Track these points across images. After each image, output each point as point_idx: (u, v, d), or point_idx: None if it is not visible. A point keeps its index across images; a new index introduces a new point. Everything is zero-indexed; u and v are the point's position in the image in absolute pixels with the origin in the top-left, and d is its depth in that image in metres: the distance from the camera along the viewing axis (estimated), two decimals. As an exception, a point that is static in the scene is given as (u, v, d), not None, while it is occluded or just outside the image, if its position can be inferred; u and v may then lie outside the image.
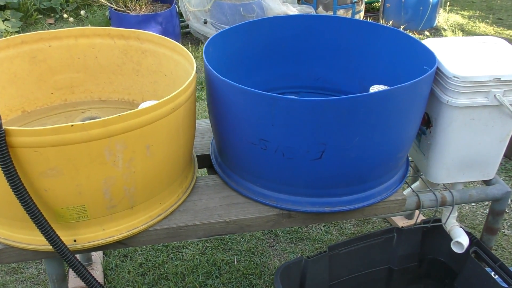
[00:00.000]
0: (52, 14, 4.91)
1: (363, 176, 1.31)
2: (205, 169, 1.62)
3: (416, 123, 1.35)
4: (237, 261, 1.97)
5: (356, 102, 1.16)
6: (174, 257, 1.98)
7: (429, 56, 1.39)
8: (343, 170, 1.27)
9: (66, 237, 1.19)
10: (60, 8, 4.87)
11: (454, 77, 1.34)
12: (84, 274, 1.18)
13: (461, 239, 1.53)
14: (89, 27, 1.51)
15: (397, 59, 1.54)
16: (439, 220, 1.64)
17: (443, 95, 1.38)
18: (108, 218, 1.20)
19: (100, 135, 1.07)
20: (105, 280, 1.86)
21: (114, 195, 1.16)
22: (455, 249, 1.55)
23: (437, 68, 1.39)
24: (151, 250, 2.01)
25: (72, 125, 1.04)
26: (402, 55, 1.52)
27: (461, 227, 1.58)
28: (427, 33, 4.39)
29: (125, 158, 1.13)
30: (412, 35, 4.27)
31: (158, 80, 1.55)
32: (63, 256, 1.15)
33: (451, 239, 1.57)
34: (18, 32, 4.49)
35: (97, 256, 1.93)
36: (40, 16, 4.83)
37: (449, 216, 1.57)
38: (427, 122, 1.48)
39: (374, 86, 1.52)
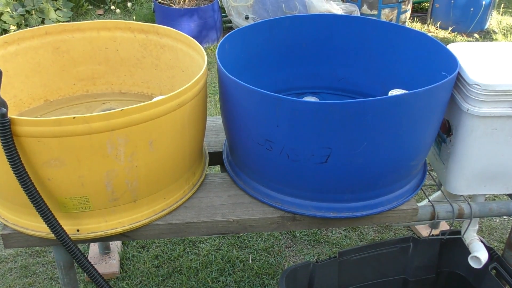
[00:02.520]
0: (102, 5, 5.04)
1: (372, 183, 1.27)
2: (219, 166, 1.62)
3: (432, 132, 1.30)
4: (251, 260, 1.96)
5: (363, 107, 1.12)
6: (190, 252, 1.99)
7: (451, 61, 1.33)
8: (350, 175, 1.23)
9: (69, 227, 1.21)
10: (110, -1, 5.00)
11: (475, 84, 1.27)
12: (84, 263, 1.21)
13: (479, 254, 1.46)
14: (111, 20, 1.54)
15: (420, 63, 1.48)
16: (458, 232, 1.57)
17: (464, 102, 1.31)
18: (111, 210, 1.22)
19: (102, 128, 1.08)
20: (121, 270, 1.90)
21: (116, 188, 1.18)
22: (473, 264, 1.48)
23: (459, 74, 1.32)
24: (168, 243, 2.03)
25: (74, 117, 1.05)
26: (426, 58, 1.46)
27: (481, 241, 1.51)
28: (476, 35, 4.21)
29: (127, 152, 1.14)
30: (461, 37, 4.10)
31: (176, 75, 1.56)
32: (64, 245, 1.17)
33: (470, 253, 1.50)
34: (68, 22, 4.65)
35: (115, 245, 1.97)
36: (90, 6, 4.97)
37: (467, 228, 1.50)
38: (448, 130, 1.42)
39: (393, 90, 1.47)
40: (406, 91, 1.46)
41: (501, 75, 1.29)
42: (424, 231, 2.05)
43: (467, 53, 1.41)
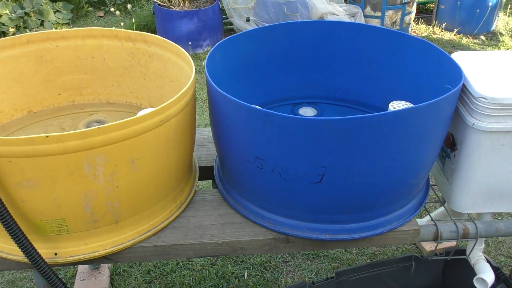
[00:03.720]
0: (102, 7, 4.98)
1: (370, 204, 1.18)
2: (212, 181, 1.54)
3: (435, 148, 1.21)
4: (247, 276, 1.88)
5: (360, 124, 1.04)
6: (184, 266, 1.92)
7: (455, 72, 1.24)
8: (346, 196, 1.15)
9: (47, 250, 1.14)
10: (110, 1, 4.93)
11: (481, 97, 1.18)
12: (61, 289, 1.13)
13: (485, 276, 1.38)
14: (96, 27, 1.46)
15: (422, 72, 1.40)
16: (463, 252, 1.48)
17: (469, 116, 1.23)
18: (90, 232, 1.14)
19: (78, 148, 1.01)
20: (111, 286, 1.82)
21: (95, 209, 1.10)
22: (478, 286, 1.40)
23: (464, 86, 1.24)
24: (161, 257, 1.96)
25: (47, 136, 0.98)
26: (428, 68, 1.37)
27: (488, 261, 1.42)
28: (482, 37, 4.11)
29: (106, 172, 1.06)
30: (466, 39, 4.00)
31: (165, 85, 1.48)
32: (40, 271, 1.10)
33: (475, 274, 1.42)
34: (68, 24, 4.59)
35: (105, 259, 1.89)
36: (90, 8, 4.91)
37: (472, 248, 1.41)
38: (452, 144, 1.33)
39: (394, 102, 1.39)
40: (407, 103, 1.38)
41: (509, 88, 1.20)
42: (428, 245, 1.96)
43: (472, 63, 1.33)
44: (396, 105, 1.37)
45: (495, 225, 1.35)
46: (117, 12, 4.75)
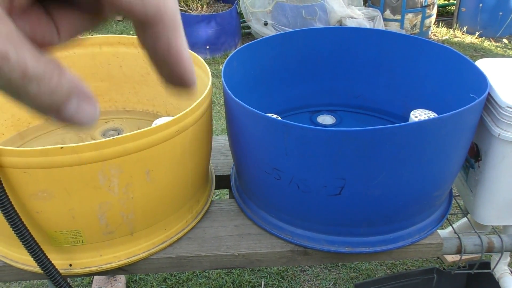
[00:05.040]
0: (121, 12, 5.01)
1: (390, 216, 1.15)
2: (228, 190, 1.52)
3: (458, 159, 1.17)
4: (264, 285, 1.85)
5: (381, 135, 1.00)
6: (200, 275, 1.90)
7: (480, 80, 1.20)
8: (366, 208, 1.12)
9: (61, 261, 1.13)
10: (127, 5, 4.96)
11: (507, 107, 1.14)
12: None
13: (511, 291, 1.33)
14: (113, 35, 1.45)
15: (445, 80, 1.36)
16: (488, 265, 1.44)
17: (495, 126, 1.19)
18: (105, 243, 1.13)
19: (92, 159, 0.99)
20: (127, 293, 1.82)
21: (110, 221, 1.09)
22: (503, 301, 1.35)
23: (489, 95, 1.20)
24: (177, 264, 1.94)
25: (62, 147, 0.97)
26: (452, 76, 1.33)
27: (513, 276, 1.38)
28: (505, 40, 4.03)
29: (121, 183, 1.05)
30: (489, 43, 3.93)
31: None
32: (54, 282, 1.09)
33: (500, 288, 1.37)
34: (86, 29, 4.62)
35: (121, 267, 1.88)
36: (108, 13, 4.93)
37: (498, 262, 1.36)
38: (476, 155, 1.29)
39: (415, 111, 1.35)
40: (430, 112, 1.34)
41: (537, 97, 1.16)
42: (449, 257, 1.91)
43: (497, 71, 1.28)
44: (418, 114, 1.33)
45: (522, 239, 1.30)
46: (136, 17, 4.76)
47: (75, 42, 0.36)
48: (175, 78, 0.33)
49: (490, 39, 4.08)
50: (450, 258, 1.90)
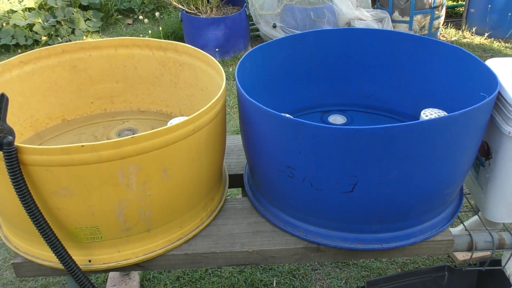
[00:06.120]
0: (131, 15, 5.06)
1: (402, 213, 1.17)
2: (241, 189, 1.55)
3: (469, 157, 1.19)
4: (276, 283, 1.87)
5: (392, 133, 1.03)
6: (212, 273, 1.92)
7: (491, 80, 1.22)
8: (379, 205, 1.14)
9: (81, 257, 1.16)
10: (138, 9, 5.01)
11: (517, 105, 1.16)
12: (95, 296, 1.15)
13: (521, 288, 1.34)
14: (128, 37, 1.48)
15: (455, 80, 1.38)
16: (499, 262, 1.45)
17: (505, 125, 1.20)
18: (123, 240, 1.16)
19: (111, 157, 1.02)
20: (141, 291, 1.84)
21: (128, 217, 1.12)
22: (514, 298, 1.37)
23: (499, 93, 1.21)
24: (190, 263, 1.97)
25: (82, 146, 1.00)
26: (462, 75, 1.35)
27: (524, 273, 1.39)
28: (514, 41, 4.03)
29: (139, 181, 1.07)
30: (498, 43, 3.93)
31: (195, 94, 1.49)
32: (74, 277, 1.12)
33: (511, 285, 1.38)
34: (98, 32, 4.68)
35: (135, 265, 1.91)
36: (119, 16, 4.99)
37: (509, 259, 1.38)
38: (487, 153, 1.31)
39: (426, 110, 1.37)
40: (440, 111, 1.36)
41: (547, 95, 1.17)
42: (460, 255, 1.92)
43: (507, 70, 1.30)
44: (428, 113, 1.35)
45: (532, 236, 1.32)
46: (146, 20, 4.82)
47: (92, 45, 0.38)
48: None
49: (500, 40, 4.08)
50: (461, 256, 1.91)
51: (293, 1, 4.08)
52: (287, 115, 1.19)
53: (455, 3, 4.72)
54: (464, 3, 4.39)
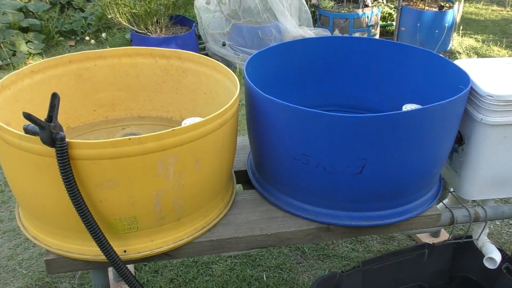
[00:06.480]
0: (73, 37, 5.03)
1: (401, 191, 1.35)
2: (240, 185, 1.67)
3: (450, 140, 1.40)
4: (266, 277, 1.99)
5: (396, 119, 1.21)
6: (204, 273, 2.01)
7: (462, 76, 1.44)
8: (382, 185, 1.31)
9: (117, 248, 1.22)
10: (81, 30, 5.00)
11: (488, 95, 1.38)
12: (135, 285, 1.22)
13: (493, 255, 1.56)
14: (132, 47, 1.58)
15: (428, 79, 1.59)
16: (470, 237, 1.66)
17: (477, 113, 1.42)
18: (157, 229, 1.25)
19: (154, 149, 1.12)
20: (138, 295, 1.89)
21: (164, 207, 1.21)
22: (488, 265, 1.58)
23: (470, 87, 1.43)
24: (181, 266, 2.04)
25: (129, 139, 1.09)
26: (434, 75, 1.57)
27: (493, 243, 1.61)
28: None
29: (175, 171, 1.18)
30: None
31: (197, 98, 1.61)
32: (115, 266, 1.19)
33: (482, 257, 1.59)
34: (40, 54, 4.61)
35: (129, 270, 1.96)
36: (61, 38, 4.94)
37: (481, 232, 1.60)
38: (459, 140, 1.52)
39: (406, 105, 1.57)
40: (419, 106, 1.57)
41: (510, 86, 1.41)
42: (426, 239, 2.14)
43: (472, 68, 1.53)
44: (408, 107, 1.56)
45: (501, 209, 1.55)
46: (92, 41, 4.82)
47: (97, 54, 0.46)
48: None
49: (428, 54, 4.50)
50: (426, 240, 2.13)
51: (241, 21, 4.27)
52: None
53: (385, 23, 5.12)
54: (394, 22, 4.79)
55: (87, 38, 4.85)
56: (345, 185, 1.30)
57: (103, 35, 4.85)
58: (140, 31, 4.20)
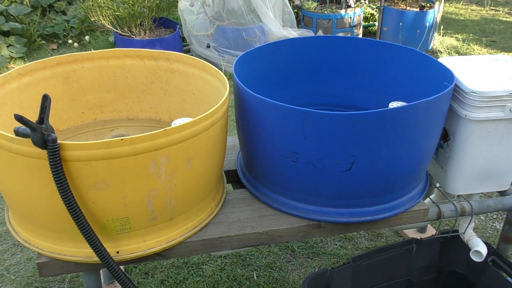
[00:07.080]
0: (55, 40, 4.99)
1: (389, 187, 1.37)
2: (231, 184, 1.68)
3: (437, 136, 1.42)
4: (256, 276, 2.01)
5: (384, 116, 1.23)
6: (195, 274, 2.01)
7: (446, 73, 1.47)
8: (371, 181, 1.33)
9: (110, 249, 1.22)
10: (63, 34, 4.96)
11: (472, 92, 1.41)
12: (129, 286, 1.22)
13: (479, 248, 1.59)
14: (121, 49, 1.58)
15: (413, 77, 1.62)
16: (457, 231, 1.70)
17: (461, 109, 1.45)
18: (149, 229, 1.25)
19: (146, 149, 1.13)
20: (129, 297, 1.89)
21: (156, 207, 1.21)
22: (474, 258, 1.61)
23: (455, 84, 1.47)
24: (171, 267, 2.04)
25: (122, 139, 1.09)
26: (418, 73, 1.60)
27: (478, 237, 1.64)
28: (424, 55, 4.51)
29: (167, 171, 1.18)
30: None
31: (186, 99, 1.62)
32: (109, 268, 1.19)
33: (468, 251, 1.63)
34: (22, 58, 4.57)
35: (119, 273, 1.96)
36: (43, 42, 4.90)
37: (468, 226, 1.63)
38: (445, 136, 1.55)
39: (393, 102, 1.60)
40: (404, 103, 1.59)
41: (493, 83, 1.44)
42: (412, 236, 2.17)
43: (454, 66, 1.56)
44: (395, 105, 1.58)
45: (486, 203, 1.58)
46: (75, 44, 4.79)
47: (85, 56, 0.47)
48: None
49: (410, 54, 4.56)
50: (412, 235, 2.16)
51: (225, 22, 4.29)
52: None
53: (367, 23, 5.17)
54: (376, 23, 4.84)
55: (70, 41, 4.81)
56: (334, 182, 1.32)
57: (86, 38, 4.82)
58: (123, 33, 4.19)
